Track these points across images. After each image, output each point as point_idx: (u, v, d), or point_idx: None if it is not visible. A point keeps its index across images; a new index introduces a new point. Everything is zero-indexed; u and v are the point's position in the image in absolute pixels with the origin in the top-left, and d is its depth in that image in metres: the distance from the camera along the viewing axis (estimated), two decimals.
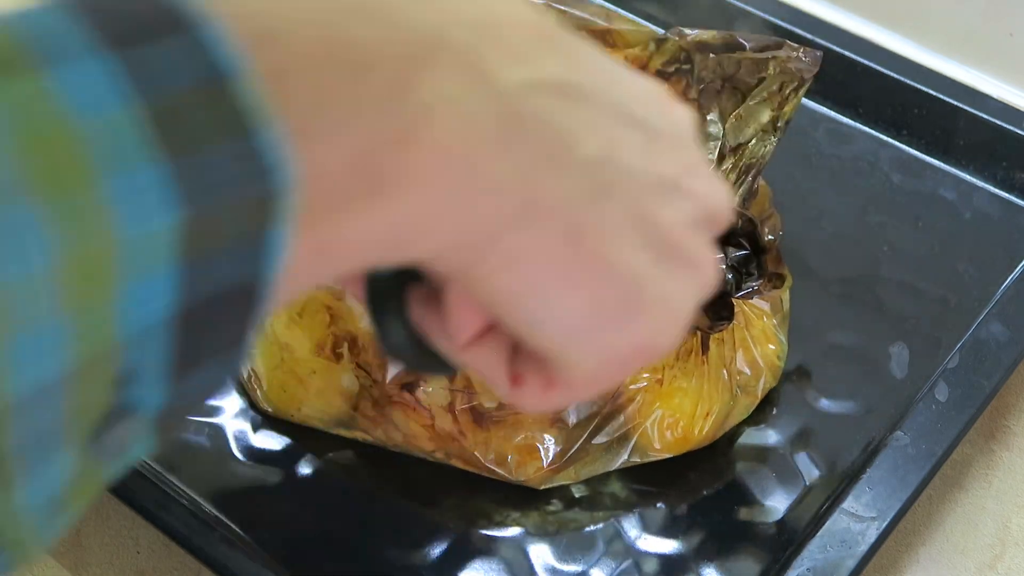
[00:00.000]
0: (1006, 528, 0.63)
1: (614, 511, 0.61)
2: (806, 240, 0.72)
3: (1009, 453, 0.66)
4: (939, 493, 0.64)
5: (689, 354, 0.61)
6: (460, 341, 0.34)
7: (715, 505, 0.61)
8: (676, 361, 0.61)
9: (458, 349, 0.34)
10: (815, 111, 0.79)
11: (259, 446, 0.64)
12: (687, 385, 0.61)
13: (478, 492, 0.62)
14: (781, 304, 0.66)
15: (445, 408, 0.60)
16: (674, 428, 0.61)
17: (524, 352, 0.34)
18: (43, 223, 0.21)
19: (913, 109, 0.77)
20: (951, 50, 0.84)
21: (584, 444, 0.60)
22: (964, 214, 0.74)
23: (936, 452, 0.60)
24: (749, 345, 0.64)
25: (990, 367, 0.63)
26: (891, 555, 0.62)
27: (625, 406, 0.61)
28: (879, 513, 0.57)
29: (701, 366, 0.61)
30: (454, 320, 0.33)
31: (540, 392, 0.35)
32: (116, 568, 0.62)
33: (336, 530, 0.61)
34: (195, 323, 0.24)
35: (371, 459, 0.63)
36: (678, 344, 0.38)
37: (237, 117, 0.23)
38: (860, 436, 0.63)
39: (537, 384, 0.35)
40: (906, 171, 0.76)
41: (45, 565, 0.62)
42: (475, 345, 0.34)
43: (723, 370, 0.62)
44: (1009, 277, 0.69)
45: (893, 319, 0.69)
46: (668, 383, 0.61)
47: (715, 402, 0.62)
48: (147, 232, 0.22)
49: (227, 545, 0.58)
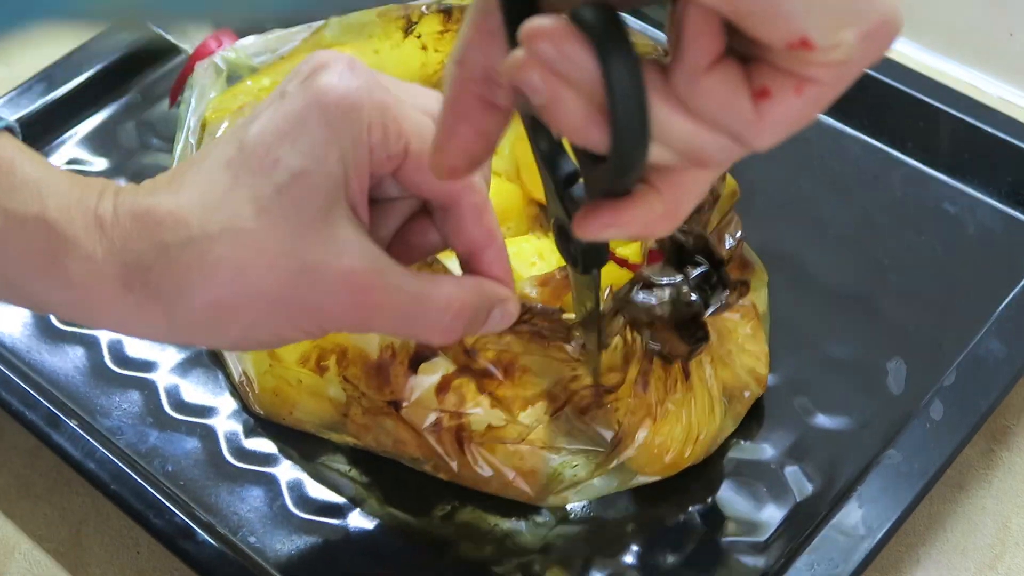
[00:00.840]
0: (1006, 528, 0.63)
1: (604, 525, 0.61)
2: (807, 250, 0.72)
3: (1009, 453, 0.66)
4: (939, 493, 0.63)
5: (674, 384, 0.61)
6: (703, 64, 0.33)
7: (705, 520, 0.61)
8: (666, 395, 0.60)
9: (700, 76, 0.34)
10: (819, 121, 0.79)
11: (251, 448, 0.64)
12: (676, 412, 0.60)
13: (468, 502, 0.62)
14: (754, 309, 0.65)
15: (429, 429, 0.59)
16: (663, 455, 0.61)
17: (759, 67, 0.34)
18: None
19: (919, 121, 0.76)
20: (951, 50, 0.84)
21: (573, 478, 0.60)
22: (967, 228, 0.73)
23: (928, 471, 0.59)
24: (727, 360, 0.63)
25: (987, 385, 0.62)
26: (891, 555, 0.61)
27: (624, 447, 0.60)
28: (868, 532, 0.57)
29: (687, 393, 0.61)
30: (693, 42, 0.33)
31: (793, 96, 0.34)
32: (116, 568, 0.62)
33: (324, 536, 0.61)
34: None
35: (363, 464, 0.63)
36: None
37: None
38: (854, 452, 0.63)
39: (788, 88, 0.34)
40: (910, 184, 0.75)
41: (45, 565, 0.62)
42: (713, 70, 0.34)
43: (707, 391, 0.62)
44: (1010, 294, 0.68)
45: (892, 333, 0.68)
46: (660, 415, 0.60)
47: (704, 425, 0.61)
48: None
49: (212, 548, 0.58)
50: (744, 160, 0.37)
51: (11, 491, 0.65)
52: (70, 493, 0.64)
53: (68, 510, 0.64)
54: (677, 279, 0.56)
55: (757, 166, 0.74)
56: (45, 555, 0.62)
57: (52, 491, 0.65)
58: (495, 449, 0.59)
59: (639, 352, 0.58)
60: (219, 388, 0.66)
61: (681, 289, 0.55)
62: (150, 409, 0.65)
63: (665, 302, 0.56)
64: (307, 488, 0.62)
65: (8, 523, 0.63)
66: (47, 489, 0.65)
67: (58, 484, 0.65)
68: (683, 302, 0.55)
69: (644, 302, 0.56)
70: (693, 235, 0.56)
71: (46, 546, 0.63)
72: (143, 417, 0.65)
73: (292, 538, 0.61)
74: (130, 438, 0.64)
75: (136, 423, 0.65)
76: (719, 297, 0.55)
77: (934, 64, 0.84)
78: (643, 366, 0.59)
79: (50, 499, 0.64)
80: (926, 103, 0.76)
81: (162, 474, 0.62)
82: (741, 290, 0.56)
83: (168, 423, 0.65)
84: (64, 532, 0.63)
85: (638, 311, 0.56)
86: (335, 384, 0.61)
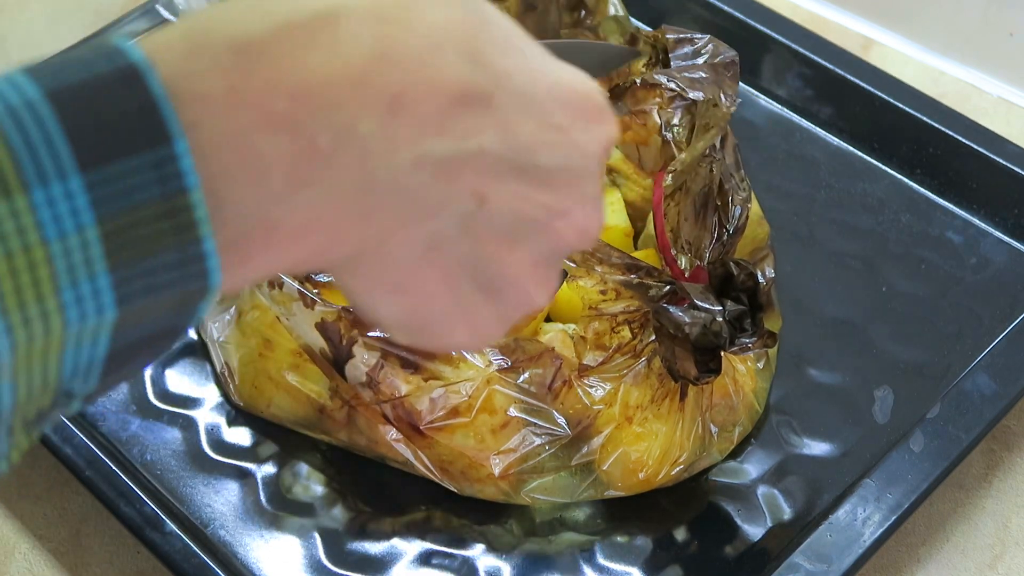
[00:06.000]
0: (1006, 528, 0.62)
1: (574, 540, 0.61)
2: (803, 274, 0.71)
3: (1009, 453, 0.65)
4: (939, 493, 0.63)
5: (665, 398, 0.60)
6: None
7: (675, 541, 0.61)
8: (650, 404, 0.60)
9: None
10: (828, 142, 0.78)
11: (230, 441, 0.64)
12: (658, 429, 0.60)
13: (442, 503, 0.62)
14: (766, 351, 0.65)
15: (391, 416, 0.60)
16: (638, 471, 0.60)
17: None
18: (7, 331, 0.27)
19: (928, 148, 0.75)
20: (951, 50, 0.83)
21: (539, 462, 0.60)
22: (969, 259, 0.72)
23: (903, 504, 0.58)
24: (730, 392, 0.63)
25: (970, 420, 0.61)
26: (891, 555, 0.61)
27: (591, 436, 0.60)
28: (832, 564, 0.56)
29: (676, 412, 0.60)
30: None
31: None
32: (116, 568, 0.62)
33: (296, 533, 0.61)
34: (124, 355, 0.30)
35: (340, 462, 0.63)
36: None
37: (191, 228, 0.29)
38: (832, 480, 0.62)
39: None
40: (915, 211, 0.74)
41: (46, 565, 0.62)
42: None
43: (698, 418, 0.61)
44: (1007, 329, 0.67)
45: (882, 362, 0.67)
46: (639, 424, 0.60)
47: (685, 450, 0.61)
48: (89, 326, 0.29)
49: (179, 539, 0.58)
50: (751, 181, 0.37)
51: (11, 491, 0.65)
52: (70, 493, 0.64)
53: (68, 510, 0.64)
54: (715, 308, 0.56)
55: (762, 188, 0.73)
56: (45, 555, 0.63)
57: (52, 491, 0.65)
58: (454, 431, 0.59)
59: (641, 349, 0.59)
60: (205, 379, 0.66)
61: (715, 318, 0.55)
62: (134, 397, 0.66)
63: (696, 324, 0.56)
64: (283, 484, 0.63)
65: (8, 523, 0.64)
66: (47, 489, 0.65)
67: (58, 484, 0.65)
68: (712, 331, 0.55)
69: (677, 316, 0.56)
70: (745, 273, 0.56)
71: (46, 546, 0.63)
72: (127, 405, 0.65)
73: (263, 534, 0.61)
74: (112, 425, 0.64)
75: (119, 410, 0.65)
76: (745, 341, 0.55)
77: (934, 64, 0.84)
78: (635, 365, 0.59)
79: (50, 499, 0.64)
80: (937, 129, 0.75)
81: (140, 463, 0.63)
82: (767, 341, 0.56)
83: (151, 412, 0.65)
84: (64, 532, 0.63)
85: (668, 321, 0.56)
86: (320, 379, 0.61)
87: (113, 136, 0.28)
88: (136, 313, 0.29)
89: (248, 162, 0.30)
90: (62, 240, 0.28)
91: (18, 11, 0.90)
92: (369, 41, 0.31)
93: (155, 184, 0.28)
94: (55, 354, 0.29)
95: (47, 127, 0.27)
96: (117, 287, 0.28)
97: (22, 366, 0.28)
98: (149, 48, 0.29)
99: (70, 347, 0.29)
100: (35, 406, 0.30)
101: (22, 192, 0.27)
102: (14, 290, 0.27)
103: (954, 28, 0.82)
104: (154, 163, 0.28)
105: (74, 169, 0.27)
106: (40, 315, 0.28)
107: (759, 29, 0.79)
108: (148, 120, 0.28)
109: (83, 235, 0.28)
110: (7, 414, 0.29)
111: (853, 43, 0.84)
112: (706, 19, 0.81)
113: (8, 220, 0.27)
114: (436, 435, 0.59)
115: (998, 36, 0.81)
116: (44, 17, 0.90)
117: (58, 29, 0.88)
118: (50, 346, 0.28)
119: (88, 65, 0.28)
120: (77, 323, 0.28)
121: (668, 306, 0.56)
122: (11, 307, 0.27)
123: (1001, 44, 0.81)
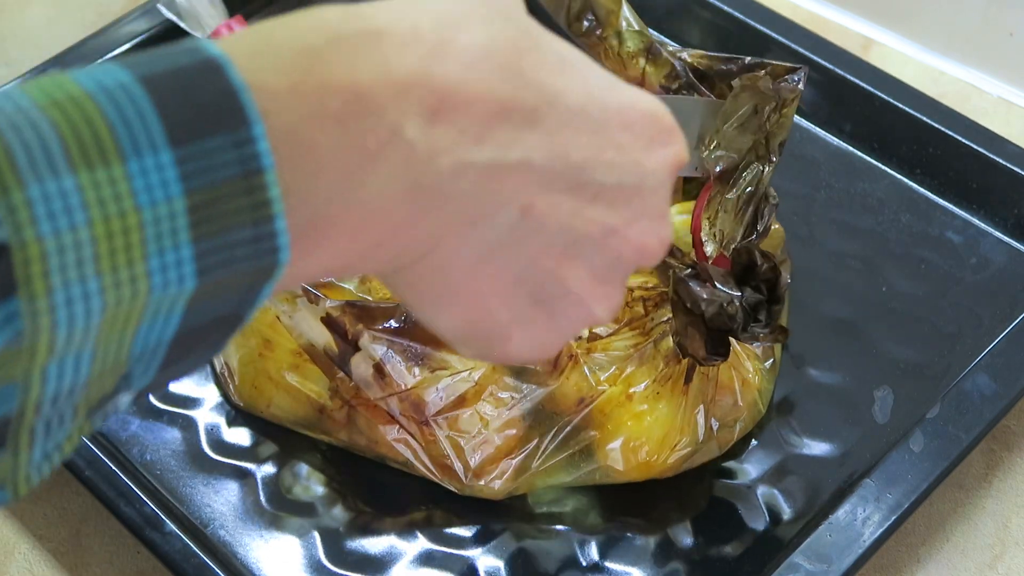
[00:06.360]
0: (1006, 528, 0.63)
1: (574, 541, 0.61)
2: (804, 274, 0.71)
3: (1009, 453, 0.65)
4: (939, 493, 0.63)
5: (668, 379, 0.60)
6: None
7: (675, 541, 0.61)
8: (653, 382, 0.60)
9: None
10: (828, 142, 0.78)
11: (230, 441, 0.64)
12: (659, 410, 0.60)
13: (441, 502, 0.62)
14: (773, 352, 0.65)
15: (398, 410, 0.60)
16: (638, 452, 0.61)
17: None
18: (100, 291, 0.29)
19: (928, 148, 0.75)
20: (951, 50, 0.83)
21: (543, 451, 0.60)
22: (969, 259, 0.72)
23: (903, 504, 0.58)
24: (735, 387, 0.63)
25: (970, 420, 0.61)
26: (891, 555, 0.61)
27: (593, 416, 0.60)
28: (832, 564, 0.56)
29: (680, 395, 0.61)
30: None
31: None
32: (116, 568, 0.62)
33: (295, 533, 0.61)
34: (188, 339, 0.32)
35: (339, 463, 0.63)
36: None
37: (265, 206, 0.30)
38: (832, 479, 0.62)
39: None
40: (915, 211, 0.74)
41: (46, 565, 0.62)
42: None
43: (701, 406, 0.62)
44: (1007, 329, 0.67)
45: (882, 362, 0.67)
46: (640, 401, 0.60)
47: (685, 435, 0.61)
48: (169, 295, 0.30)
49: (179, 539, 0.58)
50: None
51: None
52: (70, 493, 0.64)
53: (68, 510, 0.64)
54: (735, 293, 0.56)
55: None
56: (45, 555, 0.63)
57: (52, 491, 0.65)
58: (459, 417, 0.59)
59: (651, 328, 0.59)
60: (205, 379, 0.66)
61: (733, 301, 0.56)
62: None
63: (714, 303, 0.56)
64: (282, 484, 0.63)
65: (8, 523, 0.64)
66: (47, 489, 0.65)
67: (58, 484, 0.65)
68: (728, 313, 0.56)
69: (696, 292, 0.56)
70: (769, 264, 0.56)
71: (46, 546, 0.63)
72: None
73: (263, 534, 0.61)
74: (111, 424, 0.64)
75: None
76: (758, 331, 0.56)
77: (934, 64, 0.84)
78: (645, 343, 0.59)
79: (50, 499, 0.64)
80: (937, 129, 0.75)
81: (140, 463, 0.63)
82: (778, 336, 0.56)
83: (151, 412, 0.65)
84: (64, 532, 0.63)
85: (686, 294, 0.57)
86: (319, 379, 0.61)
87: (199, 116, 0.30)
88: (211, 289, 0.31)
89: (307, 152, 0.32)
90: (153, 208, 0.29)
91: (18, 11, 0.90)
92: (411, 58, 0.33)
93: (236, 163, 0.30)
94: (132, 326, 0.30)
95: (140, 105, 0.29)
96: (198, 258, 0.30)
97: (104, 333, 0.30)
98: (220, 48, 0.32)
99: (146, 319, 0.30)
100: (101, 387, 0.31)
101: (119, 162, 0.29)
102: (109, 252, 0.29)
103: (954, 28, 0.83)
104: (235, 143, 0.30)
105: (164, 144, 0.29)
106: (129, 279, 0.29)
107: (759, 29, 0.79)
108: (229, 104, 0.30)
109: (171, 206, 0.29)
110: (81, 386, 0.30)
111: (853, 43, 0.84)
112: (706, 19, 0.81)
113: (107, 186, 0.29)
114: (442, 424, 0.59)
115: (998, 36, 0.81)
116: (44, 17, 0.90)
117: (58, 29, 0.88)
118: (131, 315, 0.30)
119: (171, 58, 0.31)
120: (160, 290, 0.30)
121: (688, 279, 0.57)
122: (105, 269, 0.29)
123: (1001, 44, 0.81)
